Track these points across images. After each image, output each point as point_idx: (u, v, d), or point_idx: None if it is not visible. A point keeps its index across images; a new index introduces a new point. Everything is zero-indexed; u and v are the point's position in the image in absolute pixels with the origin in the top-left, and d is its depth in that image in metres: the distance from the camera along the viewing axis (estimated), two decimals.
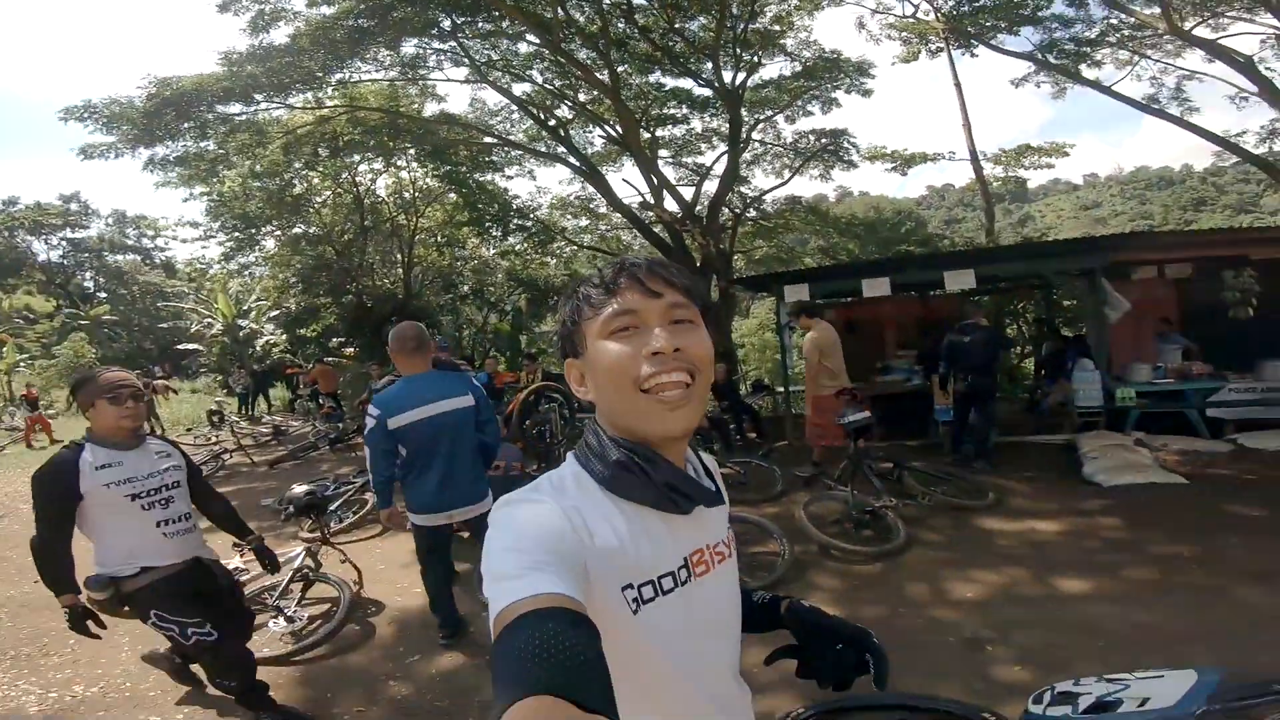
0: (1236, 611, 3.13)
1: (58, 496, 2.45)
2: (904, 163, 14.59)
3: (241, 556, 4.38)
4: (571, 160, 13.11)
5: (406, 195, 17.21)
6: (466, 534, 4.15)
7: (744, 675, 0.95)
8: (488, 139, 13.99)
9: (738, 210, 14.40)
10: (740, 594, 0.96)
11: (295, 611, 3.80)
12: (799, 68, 12.82)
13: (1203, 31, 11.25)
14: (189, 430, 13.12)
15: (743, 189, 15.06)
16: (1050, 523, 4.53)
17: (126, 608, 2.61)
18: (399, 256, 18.22)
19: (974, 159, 15.24)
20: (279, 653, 3.48)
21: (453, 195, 15.87)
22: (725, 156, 12.86)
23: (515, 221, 15.18)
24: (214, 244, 17.35)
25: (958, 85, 15.29)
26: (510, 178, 16.04)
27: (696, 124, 14.26)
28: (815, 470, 5.84)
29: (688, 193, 13.60)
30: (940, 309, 9.52)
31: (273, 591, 3.93)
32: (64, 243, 33.29)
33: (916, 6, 13.41)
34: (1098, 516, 4.58)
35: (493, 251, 17.70)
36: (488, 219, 14.81)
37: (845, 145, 14.34)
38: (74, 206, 33.64)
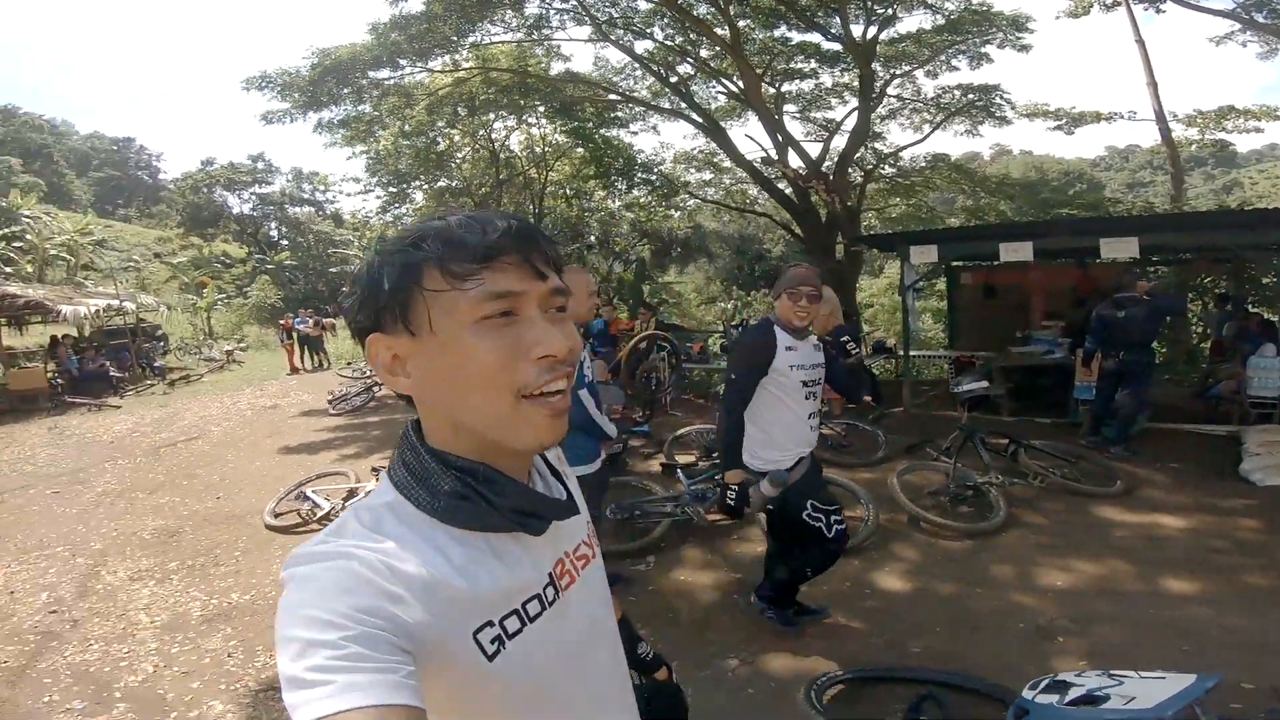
0: None
1: (756, 366, 2.50)
2: (1070, 121, 12.98)
3: (377, 480, 5.05)
4: (694, 116, 13.00)
5: (537, 150, 18.00)
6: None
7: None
8: (611, 96, 14.19)
9: (869, 166, 13.63)
10: (611, 596, 0.83)
11: None
12: (940, 21, 11.65)
13: None
14: (349, 364, 14.95)
15: (877, 145, 14.17)
16: (1179, 518, 4.11)
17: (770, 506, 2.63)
18: (530, 207, 19.18)
19: (1160, 120, 13.25)
20: None
21: (580, 150, 16.36)
22: (856, 112, 12.12)
23: (640, 175, 15.48)
24: (372, 197, 19.24)
25: (1140, 42, 13.23)
26: (635, 133, 16.32)
27: (826, 79, 13.45)
28: (921, 439, 5.65)
29: (815, 149, 13.06)
30: (1101, 278, 8.52)
31: None
32: (253, 197, 38.30)
33: None
34: (1237, 517, 4.09)
35: (618, 204, 18.22)
36: (613, 173, 15.23)
37: (997, 101, 12.96)
38: (260, 165, 38.53)
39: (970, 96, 13.05)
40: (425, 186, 18.81)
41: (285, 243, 35.22)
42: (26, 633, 3.59)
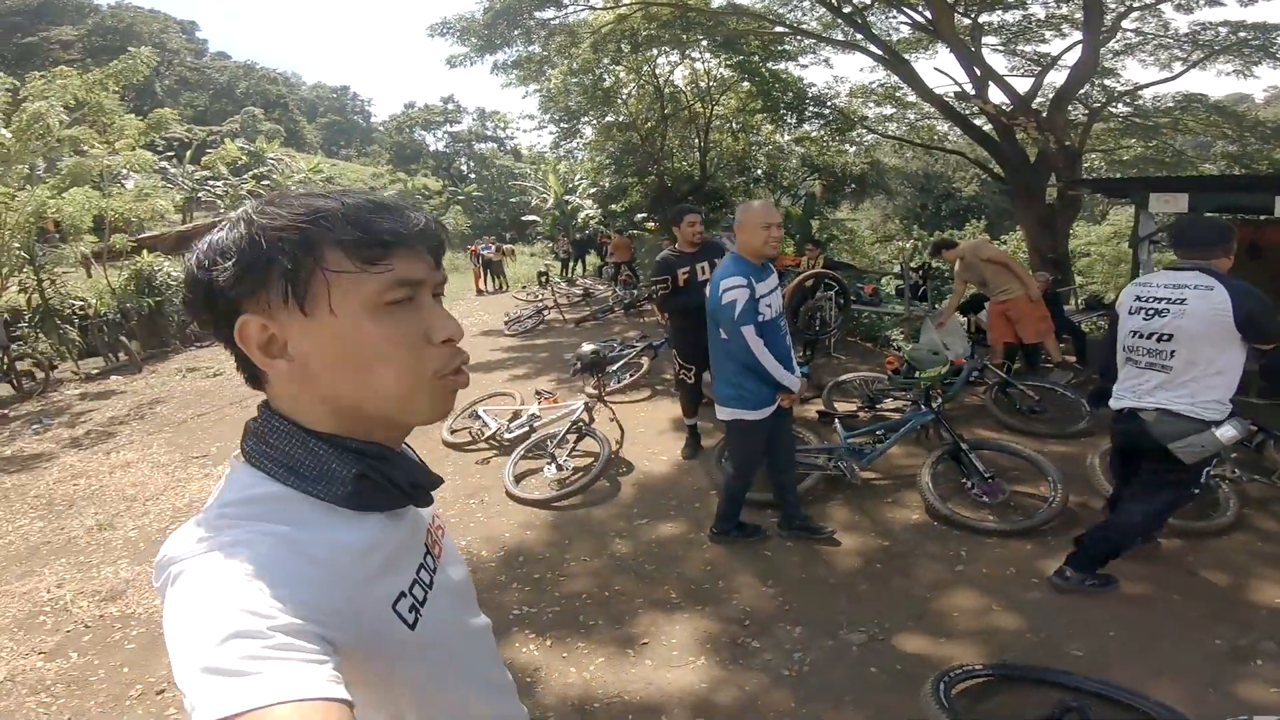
0: None
1: None
2: None
3: (539, 404, 5.32)
4: (871, 48, 11.78)
5: (702, 85, 17.55)
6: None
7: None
8: (779, 28, 13.20)
9: (1097, 104, 11.53)
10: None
11: (565, 460, 4.33)
12: None
13: None
14: (524, 287, 16.06)
15: (1108, 81, 11.88)
16: None
17: None
18: (696, 141, 18.98)
19: None
20: (545, 496, 4.12)
21: (746, 84, 15.65)
22: (1079, 46, 10.15)
23: (811, 109, 14.53)
24: (545, 134, 20.20)
25: None
26: (805, 66, 15.16)
27: (1037, 9, 11.28)
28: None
29: (1023, 85, 11.30)
30: None
31: (553, 439, 4.51)
32: (445, 135, 41.89)
33: None
34: None
35: (788, 138, 17.30)
36: (782, 106, 14.42)
37: (1278, 40, 10.09)
38: (450, 106, 41.95)
39: (1241, 34, 10.34)
40: (594, 122, 19.22)
41: (473, 176, 38.44)
42: None
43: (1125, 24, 10.80)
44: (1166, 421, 2.60)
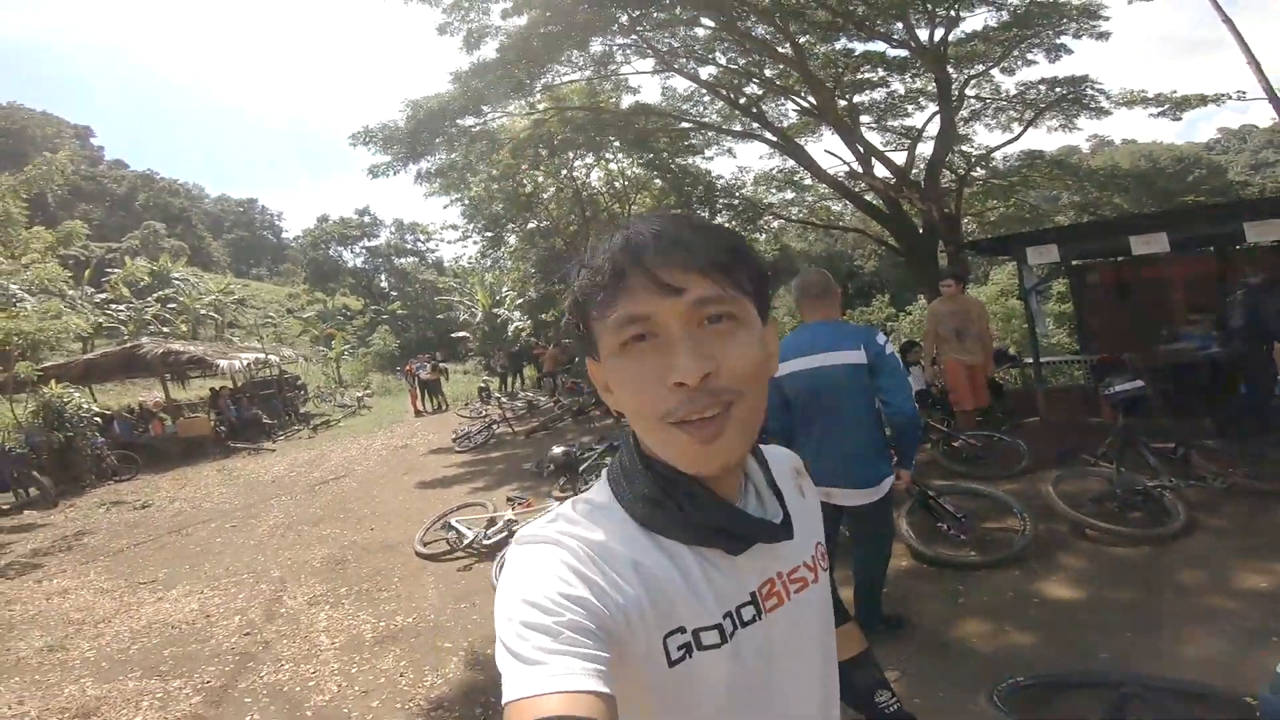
0: None
1: None
2: (1174, 106, 11.94)
3: (513, 509, 5.31)
4: (767, 135, 12.96)
5: (618, 185, 18.49)
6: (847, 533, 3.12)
7: None
8: (683, 124, 14.37)
9: (961, 171, 13.08)
10: (834, 628, 0.79)
11: None
12: (1005, 17, 11.13)
13: None
14: (465, 405, 15.76)
15: (965, 148, 13.60)
16: None
17: None
18: None
19: (1272, 98, 11.90)
20: None
21: (658, 181, 16.66)
22: (937, 116, 11.70)
23: (721, 201, 15.49)
24: (470, 243, 20.39)
25: (1227, 21, 12.02)
26: (710, 159, 16.29)
27: (898, 86, 13.03)
28: (1070, 446, 5.30)
29: (900, 158, 12.67)
30: (1246, 267, 7.74)
31: None
32: (363, 250, 41.38)
33: None
34: None
35: None
36: (694, 200, 15.31)
37: (1089, 92, 12.16)
38: (366, 219, 41.57)
39: (1058, 90, 12.33)
40: (517, 229, 19.72)
41: (395, 293, 37.79)
42: (225, 654, 3.88)
43: (968, 91, 12.53)
44: None
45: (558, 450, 5.03)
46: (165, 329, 23.63)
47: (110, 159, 62.18)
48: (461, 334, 25.78)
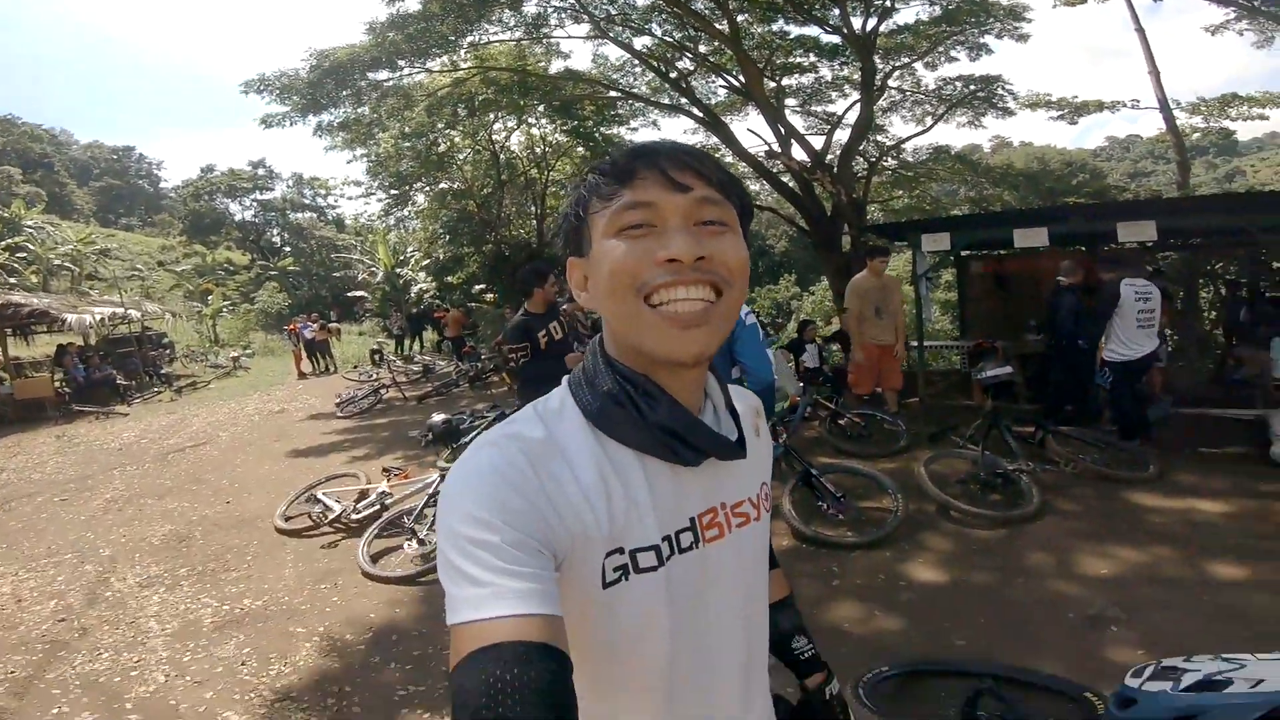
0: None
1: None
2: (1073, 111, 12.89)
3: (388, 481, 5.01)
4: (694, 111, 12.93)
5: (538, 150, 17.95)
6: None
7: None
8: (612, 93, 14.10)
9: (873, 159, 13.58)
10: (768, 571, 0.79)
11: (425, 535, 4.09)
12: (938, 11, 11.59)
13: None
14: (355, 367, 14.88)
15: (879, 137, 14.13)
16: (1217, 502, 3.99)
17: None
18: (533, 208, 19.17)
19: (1164, 108, 13.11)
20: (410, 573, 3.85)
21: (581, 149, 16.30)
22: (858, 105, 12.06)
23: None
24: (374, 201, 19.16)
25: (1139, 30, 13.08)
26: (635, 129, 16.21)
27: (826, 72, 13.40)
28: (943, 427, 5.55)
29: (818, 142, 12.96)
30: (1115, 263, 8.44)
31: (410, 515, 4.29)
32: (254, 203, 38.34)
33: None
34: (1274, 500, 3.96)
35: None
36: None
37: (999, 92, 12.93)
38: (261, 171, 38.55)
39: (972, 88, 13.02)
40: (427, 189, 18.76)
41: (288, 249, 35.25)
42: (34, 641, 3.50)
43: (891, 82, 12.99)
44: None
45: (438, 418, 4.74)
46: (11, 280, 20.97)
47: None
48: (359, 293, 24.27)
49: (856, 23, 11.13)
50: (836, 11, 11.01)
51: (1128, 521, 3.83)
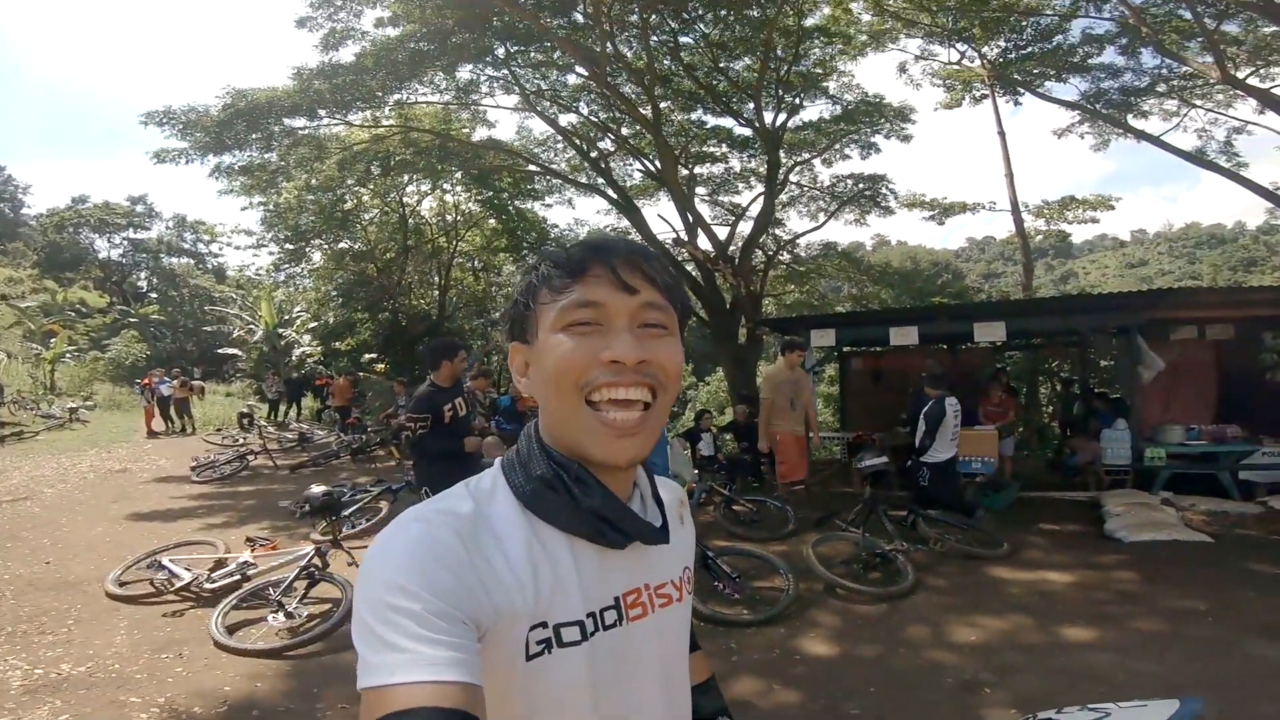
0: (1247, 664, 3.08)
1: None
2: (942, 211, 14.60)
3: (252, 551, 4.57)
4: (609, 192, 13.43)
5: (449, 218, 17.77)
6: None
7: None
8: (531, 167, 14.42)
9: (770, 252, 14.57)
10: (689, 651, 0.81)
11: (295, 608, 3.84)
12: (839, 110, 13.02)
13: (1255, 82, 10.86)
14: (218, 430, 13.50)
15: (777, 231, 15.25)
16: (1063, 574, 4.45)
17: None
18: (436, 278, 18.73)
19: (1015, 210, 14.86)
20: (274, 646, 3.54)
21: (493, 221, 16.34)
22: (762, 197, 13.06)
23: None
24: (265, 253, 18.07)
25: (1001, 134, 15.02)
26: (549, 205, 16.50)
27: (735, 163, 14.58)
28: (828, 513, 5.82)
29: (722, 232, 13.80)
30: (970, 362, 9.47)
31: (276, 587, 3.99)
32: (125, 242, 34.91)
33: (962, 54, 13.40)
34: (1113, 570, 4.49)
35: None
36: (525, 246, 15.25)
37: (883, 191, 14.46)
38: (140, 208, 35.30)
39: (860, 185, 14.42)
40: (325, 246, 18.00)
41: (155, 295, 32.09)
42: None
43: (792, 177, 14.21)
44: None
45: (317, 490, 4.38)
46: None
47: None
48: (232, 351, 21.96)
49: (768, 117, 12.23)
50: (751, 105, 12.08)
51: (989, 594, 4.16)
